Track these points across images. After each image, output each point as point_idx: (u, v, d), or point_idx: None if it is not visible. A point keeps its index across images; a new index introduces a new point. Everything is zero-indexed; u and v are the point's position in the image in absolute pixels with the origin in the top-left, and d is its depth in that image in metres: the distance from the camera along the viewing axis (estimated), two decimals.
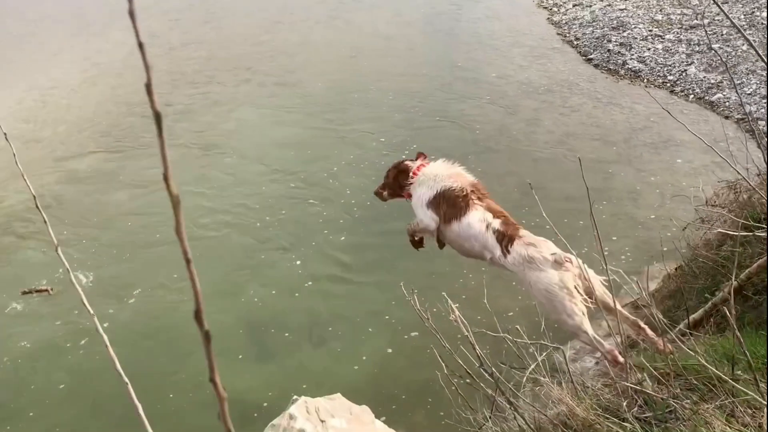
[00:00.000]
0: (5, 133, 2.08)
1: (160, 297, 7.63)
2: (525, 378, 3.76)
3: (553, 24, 15.92)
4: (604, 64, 13.27)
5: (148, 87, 0.72)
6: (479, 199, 4.52)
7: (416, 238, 5.11)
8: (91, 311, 1.81)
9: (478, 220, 4.37)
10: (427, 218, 4.73)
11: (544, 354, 3.90)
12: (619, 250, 7.87)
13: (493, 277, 7.03)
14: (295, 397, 3.77)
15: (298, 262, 7.88)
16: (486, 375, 3.45)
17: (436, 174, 4.69)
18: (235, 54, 15.74)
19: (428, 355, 6.44)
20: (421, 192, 4.77)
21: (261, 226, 8.78)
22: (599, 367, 5.29)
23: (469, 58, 14.13)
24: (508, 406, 3.42)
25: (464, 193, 4.48)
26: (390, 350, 6.75)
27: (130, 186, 10.08)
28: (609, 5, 15.93)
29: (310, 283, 7.61)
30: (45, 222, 1.88)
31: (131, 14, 0.72)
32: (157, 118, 0.72)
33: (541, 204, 8.47)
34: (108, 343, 1.81)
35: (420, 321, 6.70)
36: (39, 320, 7.43)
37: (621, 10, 15.51)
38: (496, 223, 4.36)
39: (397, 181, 4.96)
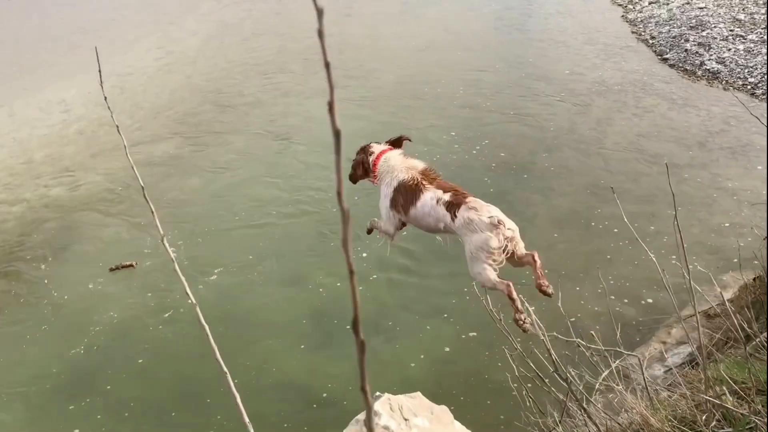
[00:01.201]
0: (117, 126, 2.19)
1: (236, 280, 7.83)
2: (597, 384, 3.72)
3: (627, 22, 15.53)
4: (681, 65, 12.88)
5: (331, 106, 0.75)
6: (429, 182, 4.92)
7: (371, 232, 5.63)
8: (194, 301, 1.91)
9: (429, 199, 4.83)
10: (389, 225, 5.24)
11: (618, 361, 3.85)
12: (689, 257, 7.66)
13: (562, 279, 6.96)
14: (378, 393, 3.82)
15: (365, 254, 7.95)
16: (560, 380, 3.43)
17: (392, 167, 5.08)
18: (305, 46, 15.92)
19: (487, 357, 6.42)
20: (384, 190, 5.19)
21: (333, 214, 8.88)
22: (669, 376, 5.19)
23: (540, 55, 13.93)
24: (579, 411, 3.39)
25: (415, 182, 4.90)
26: (448, 349, 6.73)
27: (203, 171, 10.37)
28: (688, 3, 15.44)
29: (375, 276, 7.67)
30: (153, 213, 1.98)
31: (320, 34, 0.75)
32: (337, 135, 0.75)
33: (612, 206, 8.32)
34: (209, 333, 1.90)
35: (479, 321, 6.70)
36: (126, 293, 7.78)
37: (700, 8, 15.01)
38: (446, 197, 4.76)
39: (363, 167, 5.33)
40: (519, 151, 10.11)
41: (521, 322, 4.42)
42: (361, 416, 3.35)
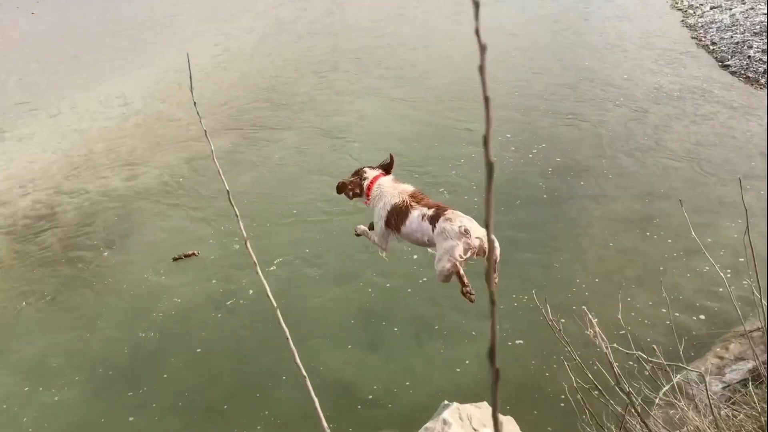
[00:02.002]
0: (206, 131, 2.25)
1: (292, 275, 7.87)
2: (657, 399, 3.66)
3: (687, 27, 15.18)
4: (743, 72, 12.54)
5: (486, 139, 0.76)
6: (417, 202, 5.71)
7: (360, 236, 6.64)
8: (275, 304, 1.95)
9: (416, 216, 5.61)
10: (383, 240, 6.11)
11: (679, 375, 3.78)
12: (748, 271, 7.46)
13: (615, 288, 6.85)
14: (446, 402, 3.81)
15: (415, 256, 7.95)
16: (620, 393, 3.38)
17: (386, 192, 5.91)
18: (359, 45, 16.01)
19: (534, 366, 6.34)
20: (379, 212, 5.99)
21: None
22: (727, 392, 5.07)
23: (597, 59, 13.73)
24: (639, 426, 3.35)
25: (406, 204, 5.71)
26: (471, 363, 6.64)
27: (258, 167, 10.49)
28: (752, 9, 15.01)
29: (424, 279, 7.65)
30: (237, 217, 2.03)
31: (481, 70, 0.77)
32: (490, 169, 0.76)
33: (668, 216, 8.15)
34: (290, 337, 1.94)
35: (526, 329, 6.62)
36: (188, 283, 7.94)
37: (765, 14, 14.58)
38: (430, 212, 5.57)
39: (358, 188, 6.15)
40: (574, 156, 9.98)
41: (469, 294, 5.48)
42: (431, 424, 3.36)
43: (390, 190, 5.88)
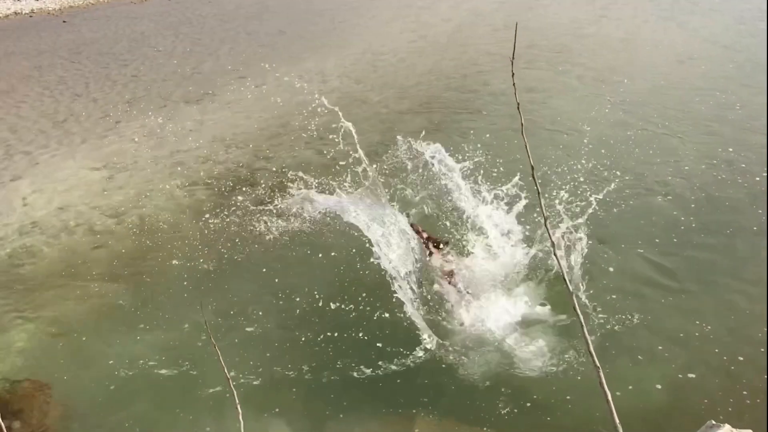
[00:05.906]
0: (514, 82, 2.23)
1: None
2: None
3: None
4: None
5: None
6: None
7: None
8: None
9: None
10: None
11: None
12: None
13: None
14: (712, 422, 3.62)
15: (611, 269, 7.59)
16: None
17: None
18: (556, 43, 15.61)
19: (705, 406, 5.72)
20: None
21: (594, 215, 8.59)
22: None
23: None
24: None
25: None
26: (659, 386, 6.10)
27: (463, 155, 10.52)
28: None
29: (614, 296, 7.23)
30: (538, 193, 1.99)
31: None
32: None
33: None
34: (587, 336, 1.87)
35: (701, 363, 6.02)
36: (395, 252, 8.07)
37: None
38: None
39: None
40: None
41: None
42: None
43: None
